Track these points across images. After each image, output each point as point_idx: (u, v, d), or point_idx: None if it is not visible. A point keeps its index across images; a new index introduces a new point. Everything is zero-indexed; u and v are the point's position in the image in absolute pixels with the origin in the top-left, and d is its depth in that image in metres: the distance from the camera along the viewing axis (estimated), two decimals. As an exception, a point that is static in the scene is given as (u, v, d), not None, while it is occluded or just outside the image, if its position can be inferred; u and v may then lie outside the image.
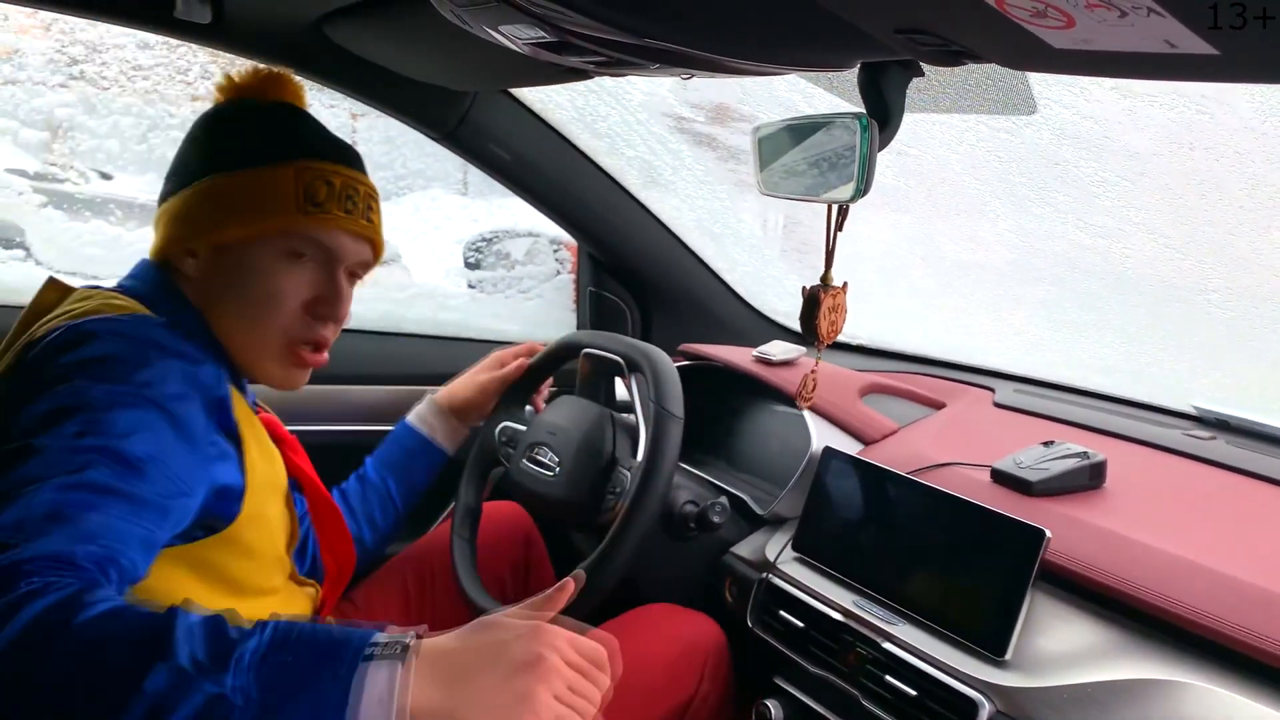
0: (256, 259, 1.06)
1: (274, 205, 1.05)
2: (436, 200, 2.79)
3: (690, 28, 0.75)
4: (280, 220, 1.05)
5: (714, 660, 1.38)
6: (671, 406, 1.29)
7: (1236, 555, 1.08)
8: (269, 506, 1.09)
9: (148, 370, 0.89)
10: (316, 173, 1.08)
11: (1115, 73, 0.63)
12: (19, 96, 1.96)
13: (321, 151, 1.10)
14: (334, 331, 1.13)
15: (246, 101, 1.14)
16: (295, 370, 1.13)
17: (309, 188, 1.07)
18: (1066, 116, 1.57)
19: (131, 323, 0.94)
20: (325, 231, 1.08)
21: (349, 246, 1.11)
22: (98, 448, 0.80)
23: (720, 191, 2.21)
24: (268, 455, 1.11)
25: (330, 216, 1.08)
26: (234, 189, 1.06)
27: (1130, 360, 1.80)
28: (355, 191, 1.11)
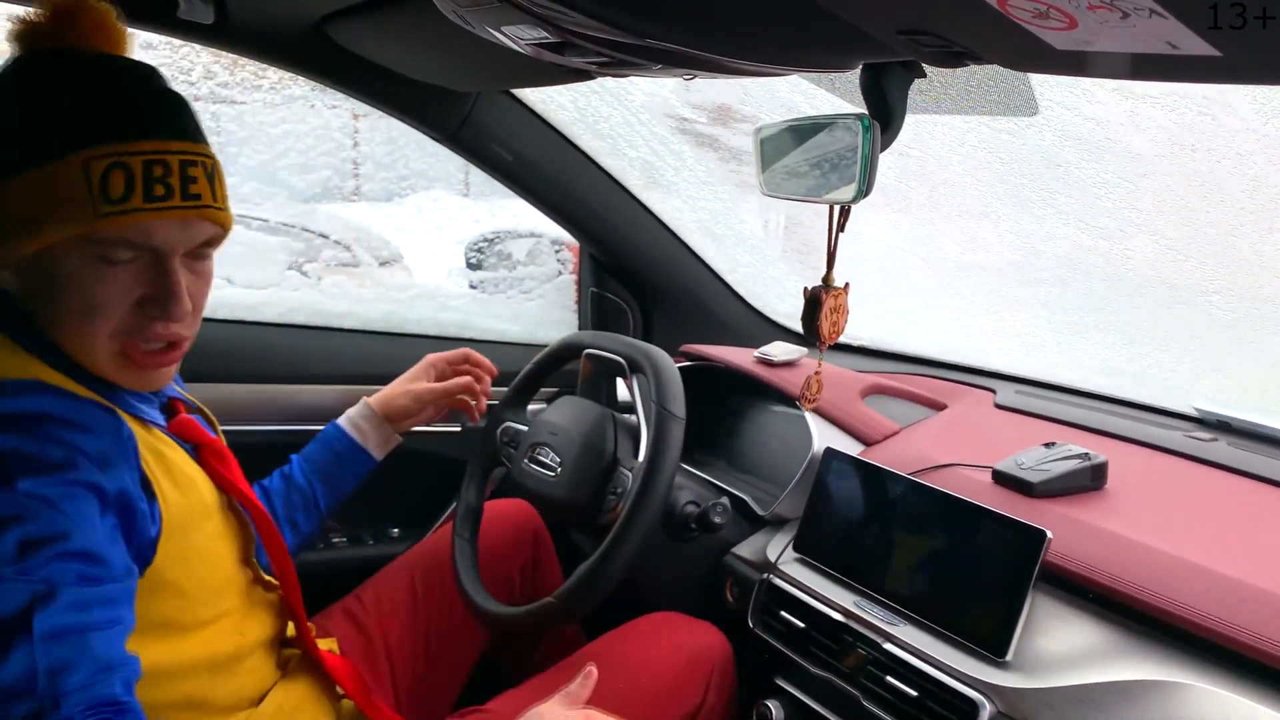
0: (68, 266, 0.89)
1: (65, 212, 0.86)
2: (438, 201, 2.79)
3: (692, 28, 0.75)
4: (75, 229, 0.87)
5: (720, 671, 1.37)
6: (673, 407, 1.29)
7: (1237, 556, 1.08)
8: (194, 536, 0.99)
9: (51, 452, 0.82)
10: (109, 159, 0.87)
11: (1117, 74, 0.63)
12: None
13: (114, 128, 0.88)
14: (182, 327, 0.96)
15: (21, 65, 0.92)
16: (144, 373, 0.96)
17: (103, 182, 0.86)
18: (1068, 118, 1.57)
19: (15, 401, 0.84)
20: (135, 230, 0.89)
21: (173, 235, 0.92)
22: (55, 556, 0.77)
23: (722, 192, 2.22)
24: (182, 483, 1.00)
25: (136, 214, 0.88)
26: (14, 197, 0.87)
27: (1131, 361, 1.80)
28: (165, 167, 0.90)
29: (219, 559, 1.05)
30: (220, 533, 1.06)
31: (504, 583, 1.53)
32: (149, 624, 0.91)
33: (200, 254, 0.97)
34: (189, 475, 1.02)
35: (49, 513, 0.78)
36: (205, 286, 1.00)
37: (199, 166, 0.93)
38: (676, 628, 1.40)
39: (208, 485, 1.06)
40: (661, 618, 1.42)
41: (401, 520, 1.91)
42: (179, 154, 0.91)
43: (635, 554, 1.22)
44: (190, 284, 0.95)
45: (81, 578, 0.77)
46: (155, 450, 0.97)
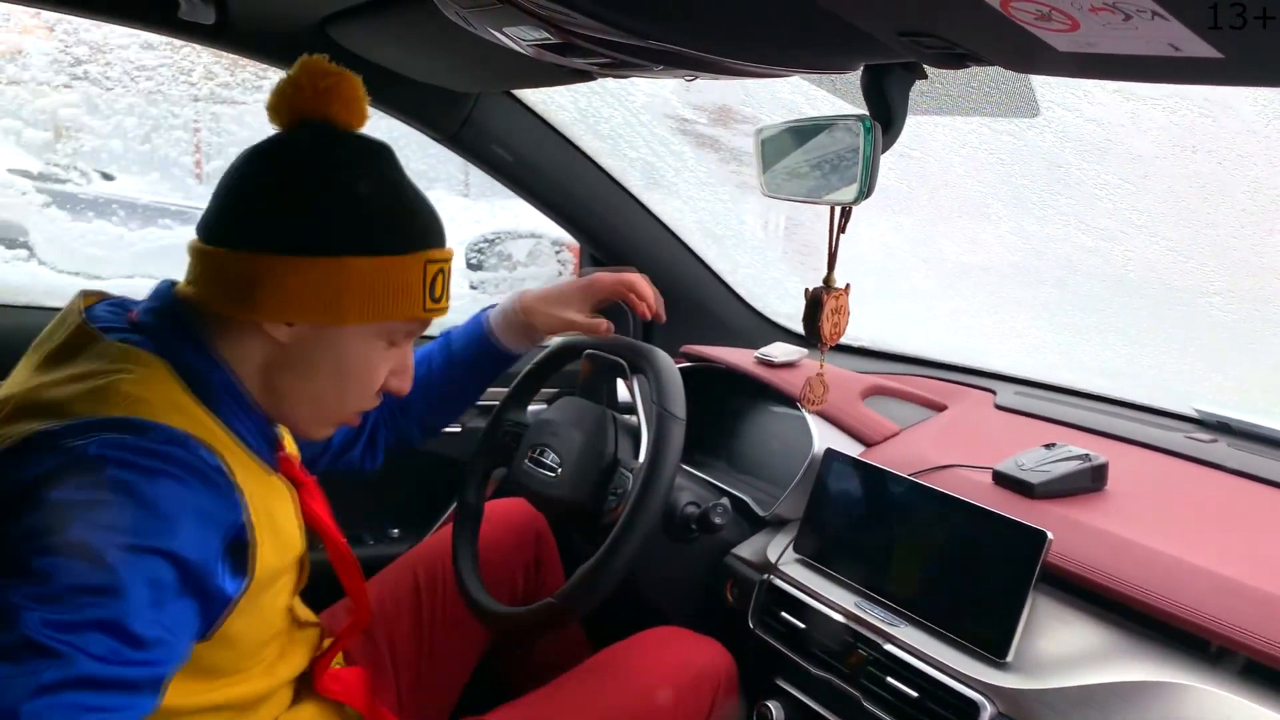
0: (362, 341, 0.98)
1: (403, 301, 0.97)
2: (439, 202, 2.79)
3: (694, 29, 0.75)
4: (404, 315, 0.98)
5: (724, 688, 1.36)
6: (673, 408, 1.29)
7: (1238, 558, 1.09)
8: (267, 594, 0.97)
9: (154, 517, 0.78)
10: (438, 265, 1.00)
11: (1119, 76, 0.63)
12: (23, 96, 1.97)
13: (439, 237, 1.02)
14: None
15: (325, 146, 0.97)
16: (335, 429, 1.07)
17: (433, 283, 0.99)
18: (1069, 119, 1.57)
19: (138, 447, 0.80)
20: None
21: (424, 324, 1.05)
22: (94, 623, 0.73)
23: (722, 193, 2.22)
24: (282, 540, 0.99)
25: (441, 311, 1.02)
26: (360, 274, 0.93)
27: (1132, 363, 1.80)
28: (443, 275, 1.02)
29: (279, 611, 1.04)
30: (288, 584, 1.05)
31: (506, 583, 1.53)
32: (189, 671, 0.89)
33: None
34: (288, 531, 1.01)
35: (120, 571, 0.74)
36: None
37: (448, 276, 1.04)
38: (681, 644, 1.38)
39: (297, 535, 1.05)
40: (665, 632, 1.40)
41: (402, 520, 1.91)
42: (445, 263, 1.03)
43: (636, 554, 1.22)
44: None
45: (110, 654, 0.73)
46: (268, 506, 0.96)
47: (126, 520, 0.76)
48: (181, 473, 0.82)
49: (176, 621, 0.81)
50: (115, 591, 0.74)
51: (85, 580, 0.73)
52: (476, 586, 1.37)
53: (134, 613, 0.75)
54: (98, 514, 0.75)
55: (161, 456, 0.80)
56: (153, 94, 2.02)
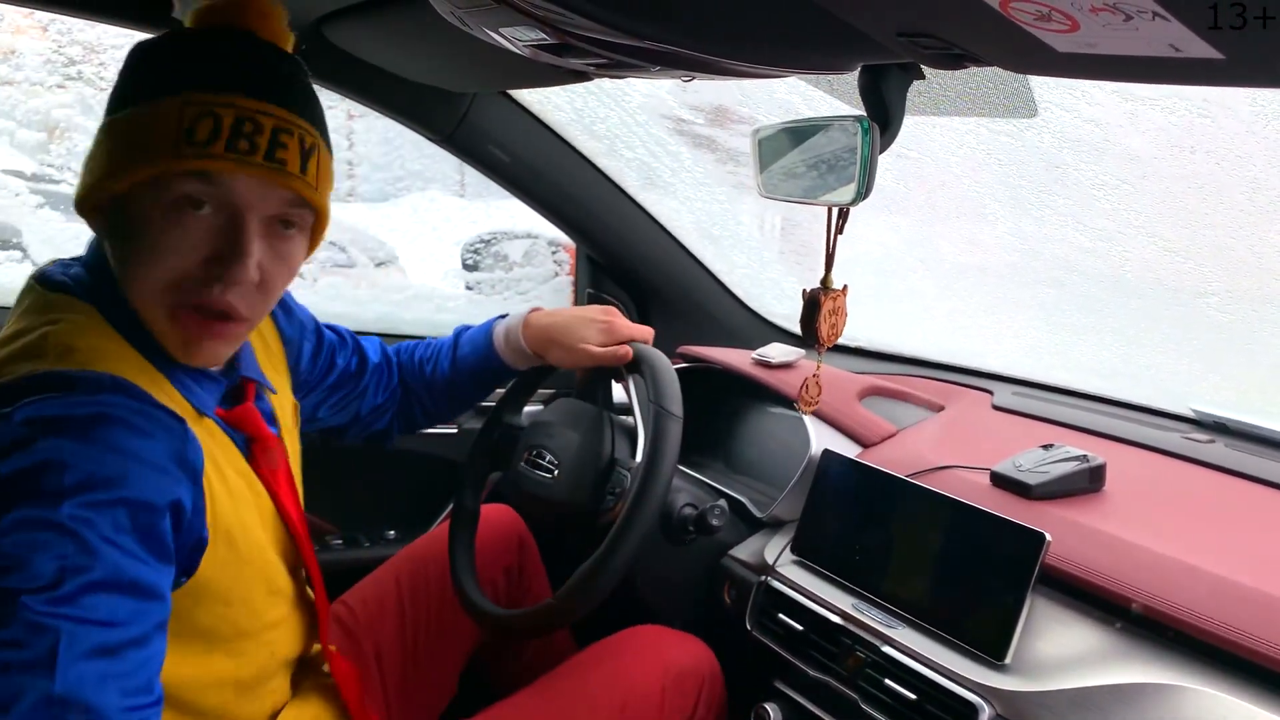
0: (145, 208, 0.89)
1: (152, 147, 0.88)
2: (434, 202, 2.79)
3: (691, 30, 0.75)
4: (159, 164, 0.87)
5: (708, 686, 1.36)
6: (671, 406, 1.28)
7: (1236, 559, 1.08)
8: (241, 543, 0.97)
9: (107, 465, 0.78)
10: (202, 106, 0.88)
11: (1119, 77, 0.63)
12: (16, 97, 1.96)
13: (213, 79, 0.90)
14: (237, 296, 0.93)
15: (179, 32, 0.96)
16: (192, 340, 0.93)
17: (191, 126, 0.87)
18: (1067, 120, 1.57)
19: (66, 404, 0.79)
20: (213, 174, 0.89)
21: (251, 191, 0.91)
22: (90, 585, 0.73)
23: (719, 193, 2.22)
24: (233, 484, 0.98)
25: (214, 159, 0.88)
26: (117, 131, 0.90)
27: (1129, 363, 1.80)
28: (257, 126, 0.90)
29: (267, 567, 1.03)
30: (271, 540, 1.04)
31: (488, 585, 1.52)
32: (185, 633, 0.90)
33: (283, 227, 0.96)
34: (239, 476, 1.00)
35: (91, 535, 0.74)
36: (283, 270, 0.97)
37: (293, 136, 0.92)
38: (664, 642, 1.38)
39: (257, 488, 1.03)
40: (648, 631, 1.40)
41: (398, 522, 1.90)
42: (273, 118, 0.91)
43: (636, 553, 1.22)
44: (266, 260, 0.94)
45: (111, 615, 0.74)
46: (207, 448, 0.93)
47: (73, 480, 0.75)
48: (122, 415, 0.81)
49: (164, 561, 0.81)
50: (91, 553, 0.74)
51: (57, 551, 0.72)
52: (475, 590, 1.36)
53: (120, 568, 0.75)
54: (41, 483, 0.74)
55: (94, 405, 0.80)
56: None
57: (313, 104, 0.98)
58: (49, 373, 0.81)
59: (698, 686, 1.34)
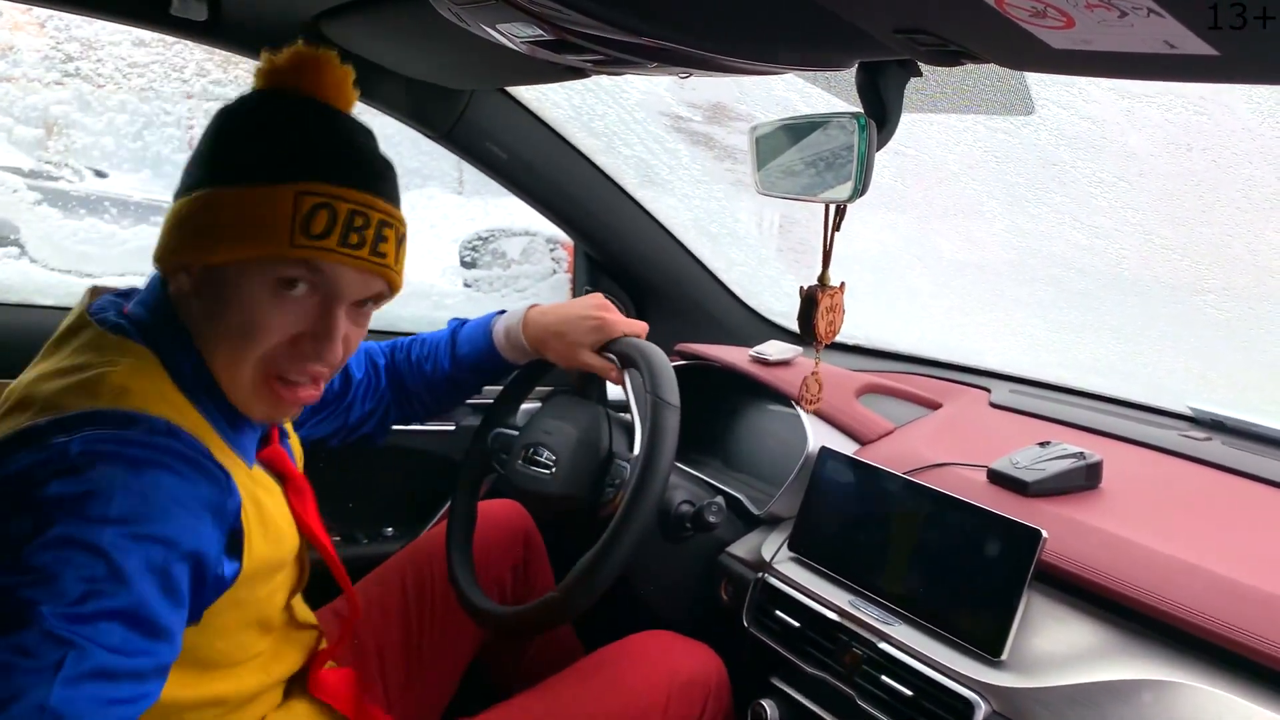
0: (245, 284, 0.92)
1: (265, 233, 0.91)
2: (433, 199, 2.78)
3: (688, 26, 0.75)
4: (270, 250, 0.91)
5: (715, 697, 1.35)
6: (668, 396, 1.28)
7: (1232, 556, 1.09)
8: (261, 587, 0.99)
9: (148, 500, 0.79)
10: (319, 198, 0.92)
11: (1114, 73, 0.63)
12: (14, 93, 1.96)
13: (329, 171, 0.94)
14: (322, 368, 0.98)
15: (266, 97, 0.99)
16: (278, 406, 0.98)
17: (307, 216, 0.91)
18: (1064, 117, 1.57)
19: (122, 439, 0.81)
20: (322, 264, 0.93)
21: (351, 281, 0.96)
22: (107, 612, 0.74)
23: (717, 191, 2.22)
24: (272, 534, 1.00)
25: (327, 251, 0.92)
26: (226, 206, 0.92)
27: (1126, 361, 1.80)
28: (365, 220, 0.94)
29: (274, 607, 1.05)
30: (285, 581, 1.06)
31: (494, 584, 1.53)
32: (183, 661, 0.88)
33: (365, 307, 1.02)
34: (278, 524, 1.02)
35: (125, 564, 0.75)
36: (360, 336, 1.03)
37: (393, 229, 0.98)
38: (672, 648, 1.37)
39: (292, 530, 1.05)
40: (655, 636, 1.39)
41: (396, 520, 1.90)
42: (380, 213, 0.96)
43: (636, 546, 1.21)
44: (349, 332, 0.99)
45: (123, 644, 0.75)
46: (254, 497, 0.97)
47: (118, 511, 0.76)
48: (171, 461, 0.82)
49: (181, 607, 0.82)
50: (120, 581, 0.75)
51: (88, 572, 0.73)
52: (474, 591, 1.36)
53: (143, 602, 0.76)
54: (87, 508, 0.75)
55: (148, 446, 0.81)
56: (145, 91, 2.01)
57: (397, 186, 1.03)
58: (109, 410, 0.83)
59: (704, 696, 1.33)
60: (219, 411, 0.96)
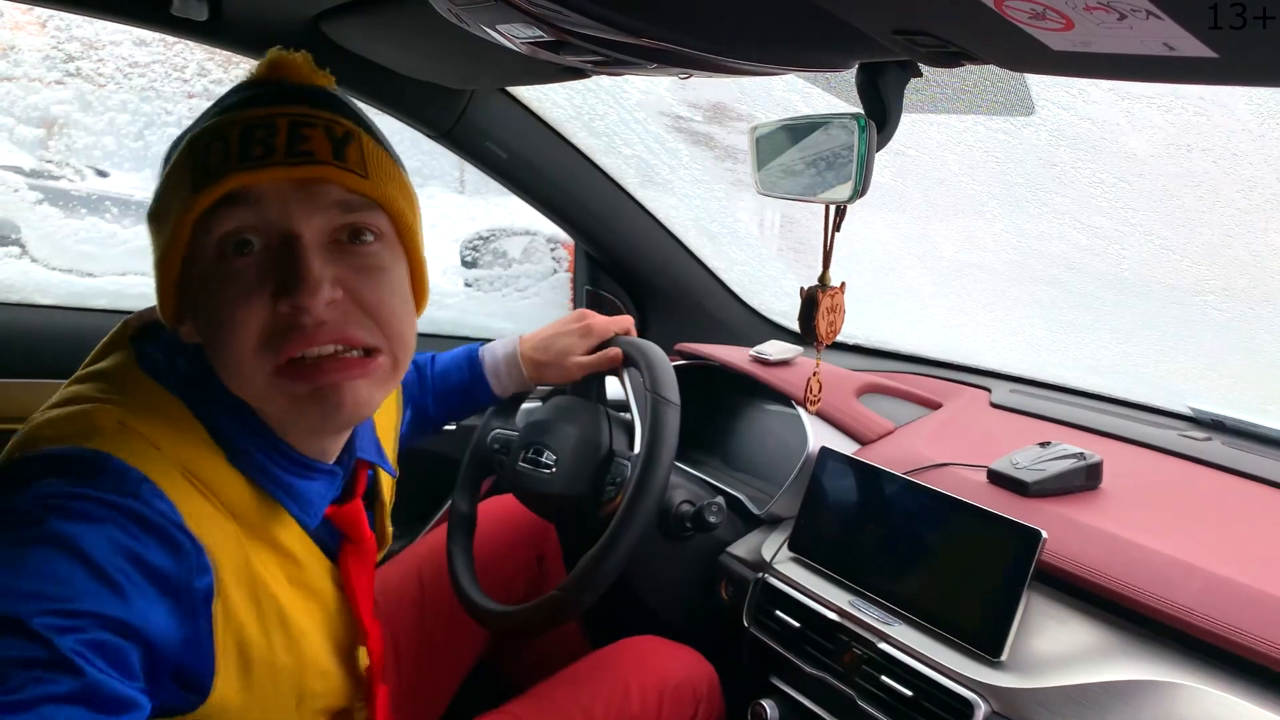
0: (201, 281, 0.80)
1: (178, 201, 0.79)
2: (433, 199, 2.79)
3: (688, 27, 0.75)
4: (181, 213, 0.78)
5: (706, 701, 1.35)
6: (668, 394, 1.28)
7: (1232, 556, 1.09)
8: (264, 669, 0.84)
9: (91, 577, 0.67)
10: (209, 138, 0.78)
11: (1114, 75, 0.63)
12: (14, 93, 1.96)
13: (219, 109, 0.81)
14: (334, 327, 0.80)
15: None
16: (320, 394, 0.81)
17: (202, 157, 0.78)
18: (1064, 118, 1.57)
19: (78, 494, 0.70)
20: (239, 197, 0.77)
21: (288, 203, 0.78)
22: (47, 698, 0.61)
23: (717, 190, 2.22)
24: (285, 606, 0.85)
25: (229, 177, 0.76)
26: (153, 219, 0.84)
27: (1126, 361, 1.80)
28: (268, 129, 0.78)
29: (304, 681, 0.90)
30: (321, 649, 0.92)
31: (507, 583, 1.53)
32: None
33: (353, 239, 0.83)
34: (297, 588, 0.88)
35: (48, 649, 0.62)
36: (379, 283, 0.84)
37: (317, 128, 0.80)
38: (662, 655, 1.37)
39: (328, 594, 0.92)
40: (646, 643, 1.39)
41: (397, 518, 1.90)
42: (289, 115, 0.79)
43: (637, 543, 1.21)
44: (348, 278, 0.81)
45: None
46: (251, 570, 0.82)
47: (57, 583, 0.65)
48: (129, 523, 0.71)
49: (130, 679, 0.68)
50: (59, 666, 0.62)
51: (21, 655, 0.61)
52: (475, 590, 1.36)
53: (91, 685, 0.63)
54: (21, 577, 0.64)
55: (107, 504, 0.70)
56: (146, 91, 2.01)
57: (343, 102, 0.87)
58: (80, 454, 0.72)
59: (695, 700, 1.33)
60: (274, 464, 0.84)
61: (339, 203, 0.81)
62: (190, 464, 0.78)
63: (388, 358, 0.85)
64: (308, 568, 0.90)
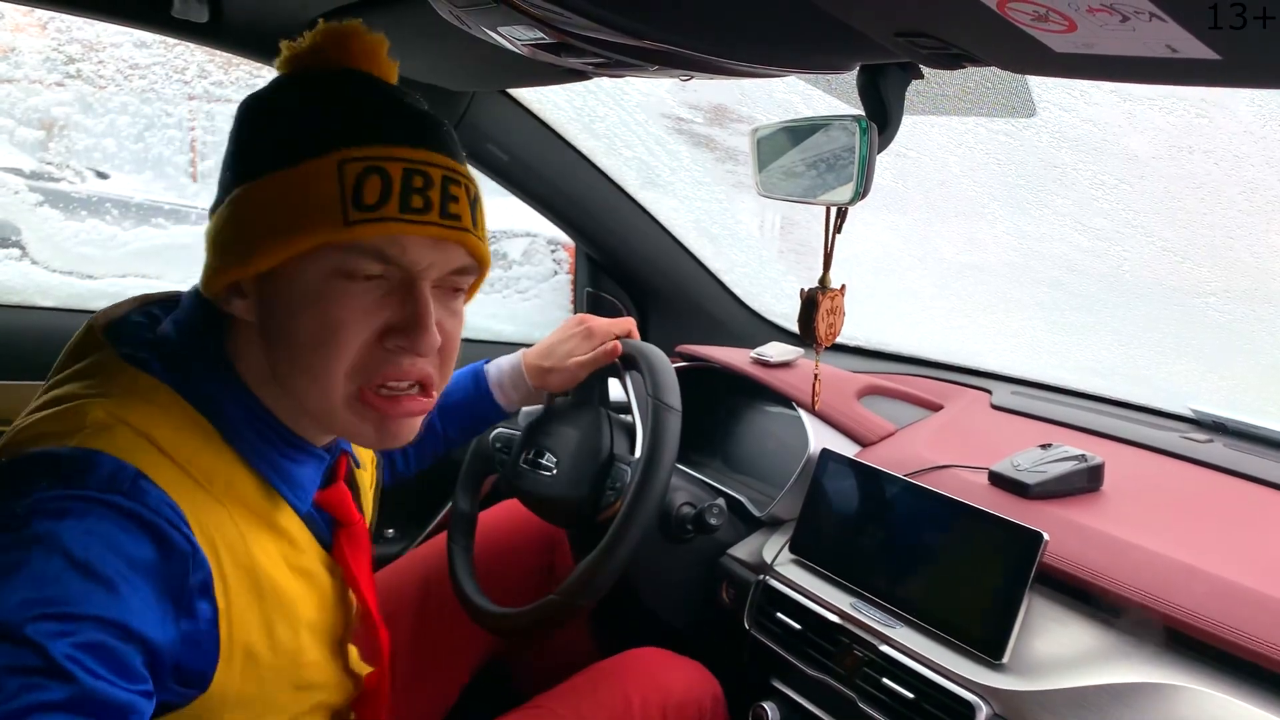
0: (307, 284, 0.80)
1: (312, 216, 0.78)
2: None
3: (689, 29, 0.75)
4: (322, 235, 0.77)
5: (711, 715, 1.34)
6: (669, 399, 1.28)
7: (1233, 559, 1.08)
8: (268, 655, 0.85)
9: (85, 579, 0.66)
10: (365, 162, 0.78)
11: (1116, 77, 0.63)
12: (15, 95, 1.96)
13: (373, 132, 0.80)
14: (424, 366, 0.85)
15: (290, 78, 0.86)
16: (386, 422, 0.85)
17: (356, 186, 0.77)
18: (1066, 119, 1.57)
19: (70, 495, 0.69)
20: (385, 240, 0.79)
21: (425, 255, 0.82)
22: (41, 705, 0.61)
23: (718, 192, 2.22)
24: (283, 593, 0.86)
25: (389, 222, 0.78)
26: (261, 200, 0.79)
27: (1128, 363, 1.80)
28: (425, 179, 0.80)
29: (304, 668, 0.91)
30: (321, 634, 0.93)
31: (517, 586, 1.52)
32: None
33: (453, 288, 0.87)
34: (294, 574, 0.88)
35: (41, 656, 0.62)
36: (457, 328, 0.89)
37: (461, 187, 0.83)
38: (666, 668, 1.36)
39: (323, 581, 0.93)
40: (649, 655, 1.38)
41: (398, 521, 1.90)
42: (441, 168, 0.82)
43: (636, 548, 1.22)
44: (442, 319, 0.85)
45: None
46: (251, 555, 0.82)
47: (50, 587, 0.65)
48: (122, 520, 0.70)
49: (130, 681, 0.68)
50: (52, 673, 0.62)
51: (12, 662, 0.61)
52: (475, 591, 1.37)
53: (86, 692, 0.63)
54: (12, 583, 0.64)
55: (98, 503, 0.70)
56: (146, 92, 2.02)
57: (457, 141, 0.88)
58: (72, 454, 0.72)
59: (699, 715, 1.33)
60: (268, 445, 0.86)
61: (461, 258, 0.86)
62: (184, 451, 0.78)
63: (436, 396, 0.90)
64: (305, 551, 0.91)
